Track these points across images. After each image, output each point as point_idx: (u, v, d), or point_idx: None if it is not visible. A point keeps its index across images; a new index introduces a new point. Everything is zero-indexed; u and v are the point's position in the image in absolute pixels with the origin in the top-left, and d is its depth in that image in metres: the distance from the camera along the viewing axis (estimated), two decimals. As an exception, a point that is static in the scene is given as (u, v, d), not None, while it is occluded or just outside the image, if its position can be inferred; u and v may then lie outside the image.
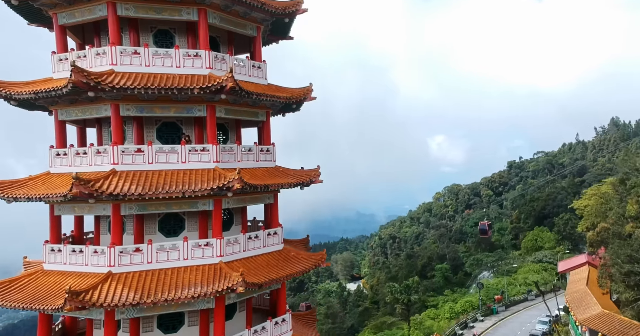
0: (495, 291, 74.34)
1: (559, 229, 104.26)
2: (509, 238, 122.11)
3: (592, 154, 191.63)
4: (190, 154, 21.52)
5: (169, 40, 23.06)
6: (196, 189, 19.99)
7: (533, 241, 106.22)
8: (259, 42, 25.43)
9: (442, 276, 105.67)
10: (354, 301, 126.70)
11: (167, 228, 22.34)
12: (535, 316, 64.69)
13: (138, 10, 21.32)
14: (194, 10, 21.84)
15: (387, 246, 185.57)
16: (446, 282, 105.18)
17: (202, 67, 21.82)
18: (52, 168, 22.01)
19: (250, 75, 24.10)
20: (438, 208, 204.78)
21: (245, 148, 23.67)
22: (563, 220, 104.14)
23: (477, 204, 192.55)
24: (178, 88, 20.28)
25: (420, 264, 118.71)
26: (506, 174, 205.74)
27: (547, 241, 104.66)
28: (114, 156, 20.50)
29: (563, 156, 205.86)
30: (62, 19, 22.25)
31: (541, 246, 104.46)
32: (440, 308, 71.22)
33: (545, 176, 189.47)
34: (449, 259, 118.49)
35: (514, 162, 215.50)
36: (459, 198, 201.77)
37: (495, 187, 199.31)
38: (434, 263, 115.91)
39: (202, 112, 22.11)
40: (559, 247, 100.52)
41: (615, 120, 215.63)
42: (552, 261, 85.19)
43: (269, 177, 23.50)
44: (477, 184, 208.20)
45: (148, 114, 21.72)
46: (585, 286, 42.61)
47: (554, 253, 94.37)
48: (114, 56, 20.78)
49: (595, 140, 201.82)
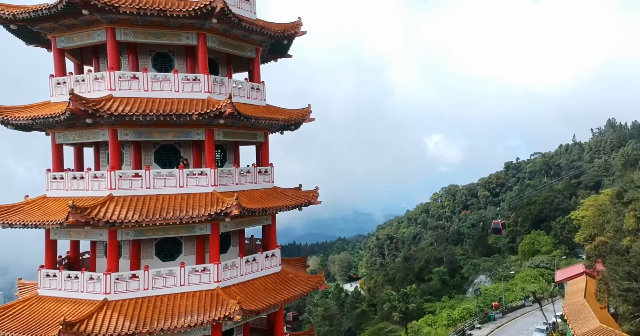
0: (492, 298, 74.43)
1: (555, 233, 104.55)
2: (506, 242, 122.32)
3: (588, 155, 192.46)
4: (188, 178, 21.39)
5: (167, 63, 22.92)
6: (194, 215, 19.89)
7: (530, 245, 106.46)
8: (258, 63, 25.31)
9: (439, 280, 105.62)
10: (352, 303, 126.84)
11: (164, 251, 22.22)
12: (532, 323, 64.75)
13: (137, 35, 21.18)
14: (193, 35, 21.69)
15: (384, 247, 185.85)
16: (443, 285, 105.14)
17: (201, 91, 21.67)
18: (49, 192, 21.86)
19: (248, 97, 24.00)
20: (435, 208, 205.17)
21: (244, 170, 23.60)
22: (560, 224, 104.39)
23: (474, 205, 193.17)
24: (177, 114, 20.15)
25: (418, 267, 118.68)
26: (503, 175, 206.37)
27: (544, 245, 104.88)
28: (111, 181, 20.37)
29: (560, 157, 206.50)
30: (60, 42, 22.10)
31: (538, 249, 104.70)
32: (438, 315, 71.31)
33: (542, 177, 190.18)
34: (446, 262, 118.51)
35: (511, 163, 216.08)
36: (456, 199, 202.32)
37: (492, 188, 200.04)
38: (431, 265, 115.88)
39: (201, 136, 22.01)
40: (556, 251, 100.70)
41: (612, 121, 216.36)
42: (549, 267, 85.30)
43: (267, 199, 23.40)
44: (475, 185, 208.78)
45: (146, 139, 21.60)
46: (583, 298, 42.63)
47: (550, 257, 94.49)
48: (112, 81, 20.63)
49: (591, 141, 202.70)
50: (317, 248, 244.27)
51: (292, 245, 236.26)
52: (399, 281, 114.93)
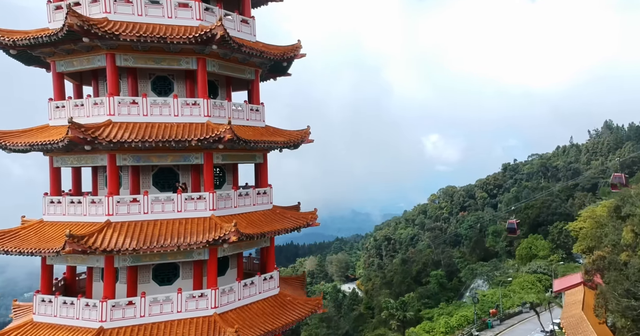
0: (490, 305, 74.35)
1: (553, 238, 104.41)
2: (503, 245, 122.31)
3: (585, 157, 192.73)
4: (187, 202, 21.34)
5: (167, 86, 22.86)
6: (191, 242, 19.83)
7: (527, 249, 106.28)
8: (257, 84, 25.26)
9: (436, 283, 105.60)
10: (349, 304, 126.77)
11: (162, 276, 22.15)
12: (530, 331, 64.65)
13: (137, 61, 21.11)
14: (193, 59, 21.69)
15: (382, 248, 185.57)
16: (441, 289, 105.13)
17: (201, 116, 21.65)
18: (46, 216, 21.77)
19: (248, 119, 23.96)
20: (433, 209, 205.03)
21: (242, 193, 23.49)
22: (557, 229, 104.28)
23: (471, 207, 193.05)
24: (176, 140, 20.12)
25: (415, 270, 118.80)
26: (501, 176, 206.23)
27: (541, 249, 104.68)
28: (109, 206, 20.30)
29: (557, 158, 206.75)
30: (60, 66, 22.08)
31: (535, 254, 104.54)
32: (436, 322, 71.16)
33: (539, 178, 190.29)
34: (443, 265, 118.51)
35: (509, 165, 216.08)
36: (454, 200, 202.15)
37: (489, 189, 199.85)
38: (429, 268, 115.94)
39: (199, 160, 21.98)
40: (553, 256, 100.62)
41: (609, 123, 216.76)
42: (547, 272, 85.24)
43: (266, 222, 23.33)
44: (472, 186, 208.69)
45: (145, 163, 21.52)
46: (581, 311, 42.59)
47: (548, 262, 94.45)
48: (111, 107, 20.58)
49: (588, 143, 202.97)
50: (314, 248, 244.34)
51: (290, 245, 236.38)
52: (397, 284, 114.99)
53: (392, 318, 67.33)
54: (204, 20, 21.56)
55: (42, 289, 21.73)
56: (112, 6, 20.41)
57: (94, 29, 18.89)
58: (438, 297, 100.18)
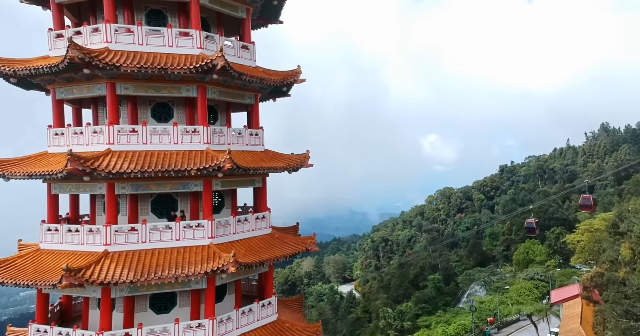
0: (487, 312, 74.51)
1: (550, 243, 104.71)
2: (500, 249, 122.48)
3: (582, 159, 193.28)
4: (185, 231, 21.22)
5: (167, 112, 22.85)
6: (189, 273, 19.72)
7: (524, 254, 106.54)
8: (257, 108, 25.17)
9: (434, 287, 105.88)
10: (346, 307, 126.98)
11: (159, 304, 22.00)
12: (527, 339, 65.00)
13: (137, 89, 21.08)
14: (193, 87, 21.69)
15: (379, 249, 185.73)
16: (438, 293, 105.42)
17: (200, 143, 21.59)
18: (43, 244, 21.58)
19: (247, 144, 23.91)
20: (430, 211, 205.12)
21: (242, 219, 23.37)
22: (554, 234, 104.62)
23: (468, 208, 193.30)
24: (175, 170, 20.02)
25: (413, 273, 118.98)
26: (498, 178, 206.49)
27: (538, 254, 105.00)
28: (106, 236, 20.15)
29: (554, 161, 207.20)
30: (60, 94, 22.15)
31: (532, 259, 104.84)
32: (433, 330, 71.25)
33: (536, 180, 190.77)
34: (441, 269, 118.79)
35: (506, 167, 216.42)
36: (451, 202, 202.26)
37: (487, 191, 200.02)
38: (426, 272, 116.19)
39: (199, 187, 21.91)
40: (550, 261, 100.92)
41: (605, 126, 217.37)
42: (544, 279, 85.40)
43: (265, 249, 23.23)
44: (469, 187, 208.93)
45: (144, 192, 21.38)
46: (579, 326, 42.67)
47: (545, 268, 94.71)
48: (111, 135, 20.50)
49: (585, 145, 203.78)
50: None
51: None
52: (394, 288, 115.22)
53: (390, 328, 67.44)
54: (205, 49, 21.45)
55: (37, 318, 21.57)
56: (113, 36, 20.27)
57: (95, 61, 18.77)
58: (435, 301, 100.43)
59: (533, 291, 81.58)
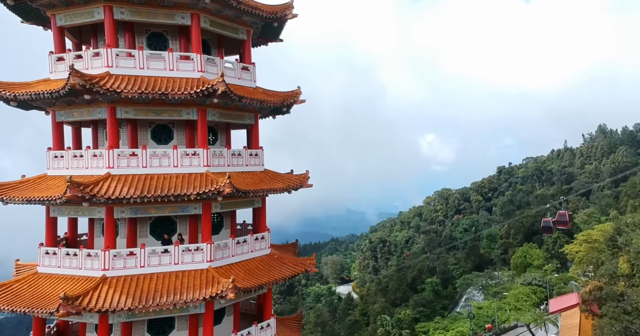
0: (485, 319, 74.58)
1: (547, 247, 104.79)
2: (498, 253, 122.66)
3: (579, 161, 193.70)
4: (184, 254, 21.13)
5: (167, 135, 22.78)
6: (187, 299, 19.67)
7: (522, 258, 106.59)
8: (257, 128, 25.09)
9: (432, 290, 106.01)
10: (344, 309, 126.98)
11: (156, 328, 21.94)
12: (524, 347, 65.06)
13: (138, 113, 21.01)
14: (193, 110, 21.58)
15: (377, 250, 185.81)
16: (436, 296, 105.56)
17: (200, 166, 21.54)
18: (41, 268, 21.47)
19: (247, 164, 23.84)
20: (428, 212, 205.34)
21: (240, 240, 23.30)
22: (552, 238, 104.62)
23: (466, 210, 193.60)
24: (175, 195, 19.91)
25: (411, 277, 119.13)
26: (495, 179, 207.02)
27: (536, 259, 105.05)
28: (104, 261, 20.06)
29: (551, 162, 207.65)
30: (60, 116, 22.20)
31: (530, 263, 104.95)
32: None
33: (534, 182, 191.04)
34: (439, 272, 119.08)
35: (504, 168, 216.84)
36: (449, 203, 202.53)
37: (484, 192, 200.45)
38: (424, 275, 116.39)
39: (198, 211, 21.83)
40: (548, 265, 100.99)
41: (603, 127, 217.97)
42: (541, 284, 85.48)
43: (264, 271, 23.15)
44: (467, 189, 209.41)
45: (142, 215, 21.31)
46: (578, 338, 42.72)
47: (542, 273, 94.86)
48: (111, 159, 20.42)
49: (582, 147, 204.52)
50: (309, 248, 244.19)
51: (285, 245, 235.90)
52: (392, 291, 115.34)
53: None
54: (206, 72, 21.38)
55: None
56: (114, 60, 20.21)
57: (95, 87, 18.69)
58: (433, 305, 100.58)
59: (531, 296, 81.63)
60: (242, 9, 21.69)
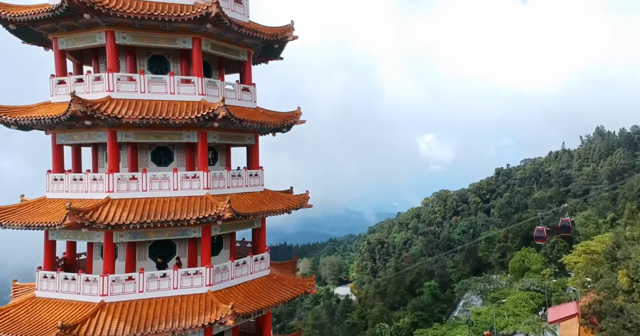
0: (484, 326, 74.48)
1: (545, 252, 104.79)
2: (496, 256, 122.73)
3: (577, 163, 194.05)
4: (183, 279, 21.01)
5: (167, 157, 22.71)
6: (186, 326, 19.56)
7: (520, 262, 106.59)
8: (257, 150, 24.99)
9: (430, 294, 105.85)
10: (342, 311, 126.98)
11: None
12: (523, 354, 65.09)
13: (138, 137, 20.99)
14: (194, 133, 21.56)
15: (375, 251, 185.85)
16: (434, 300, 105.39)
17: (200, 189, 21.47)
18: (39, 291, 21.34)
19: (247, 185, 23.80)
20: (426, 213, 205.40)
21: (240, 262, 23.20)
22: (550, 243, 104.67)
23: (464, 211, 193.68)
24: (174, 220, 19.85)
25: (409, 280, 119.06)
26: (494, 181, 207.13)
27: (534, 263, 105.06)
28: (103, 286, 19.92)
29: (549, 164, 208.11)
30: (60, 139, 22.08)
31: (528, 267, 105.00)
32: (430, 345, 71.39)
33: (532, 184, 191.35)
34: (437, 275, 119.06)
35: (502, 169, 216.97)
36: (447, 204, 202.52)
37: (482, 194, 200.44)
38: (423, 279, 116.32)
39: (197, 234, 21.76)
40: (546, 270, 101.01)
41: (600, 129, 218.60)
42: (539, 290, 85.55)
43: (264, 292, 23.07)
44: (465, 190, 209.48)
45: (142, 239, 21.22)
46: (577, 350, 42.81)
47: (540, 277, 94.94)
48: (110, 184, 20.33)
49: (580, 149, 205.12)
50: (308, 248, 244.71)
51: (283, 246, 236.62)
52: (391, 295, 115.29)
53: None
54: (207, 95, 21.35)
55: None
56: (115, 85, 20.21)
57: (97, 113, 18.63)
58: (432, 309, 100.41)
59: (529, 302, 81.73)
60: (243, 33, 21.58)
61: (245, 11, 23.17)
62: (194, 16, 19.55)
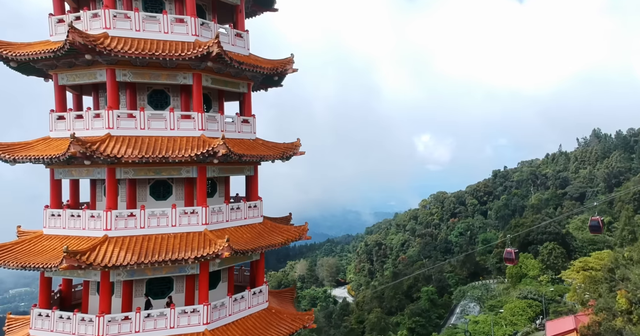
0: (482, 335, 74.51)
1: (543, 258, 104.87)
2: (493, 262, 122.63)
3: (574, 165, 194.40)
4: (180, 318, 20.70)
5: (166, 190, 22.49)
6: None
7: (518, 268, 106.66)
8: (256, 179, 24.77)
9: (427, 299, 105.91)
10: (339, 314, 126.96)
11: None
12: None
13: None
14: (193, 168, 21.31)
15: (372, 253, 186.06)
16: (432, 305, 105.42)
17: (198, 224, 21.25)
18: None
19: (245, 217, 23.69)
20: (424, 215, 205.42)
21: (238, 297, 22.93)
22: (547, 249, 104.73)
23: (462, 213, 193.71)
24: (172, 260, 19.57)
25: (407, 285, 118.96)
26: (491, 183, 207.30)
27: (531, 269, 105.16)
28: (99, 326, 19.62)
29: (546, 166, 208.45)
30: (58, 174, 21.66)
31: (526, 273, 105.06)
32: (428, 355, 71.32)
33: (529, 186, 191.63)
34: (434, 280, 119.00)
35: (499, 172, 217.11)
36: (445, 206, 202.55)
37: (480, 196, 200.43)
38: (420, 284, 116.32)
39: (195, 270, 21.46)
40: (543, 276, 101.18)
41: (597, 131, 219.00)
42: (537, 298, 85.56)
43: (263, 329, 22.78)
44: (462, 192, 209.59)
45: (138, 277, 20.92)
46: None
47: (537, 284, 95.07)
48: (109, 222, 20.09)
49: (577, 151, 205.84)
50: (305, 249, 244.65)
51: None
52: (388, 299, 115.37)
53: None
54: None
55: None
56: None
57: (96, 153, 18.56)
58: (429, 314, 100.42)
59: (527, 310, 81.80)
60: (243, 68, 21.31)
61: (246, 44, 22.93)
62: (195, 55, 19.27)
